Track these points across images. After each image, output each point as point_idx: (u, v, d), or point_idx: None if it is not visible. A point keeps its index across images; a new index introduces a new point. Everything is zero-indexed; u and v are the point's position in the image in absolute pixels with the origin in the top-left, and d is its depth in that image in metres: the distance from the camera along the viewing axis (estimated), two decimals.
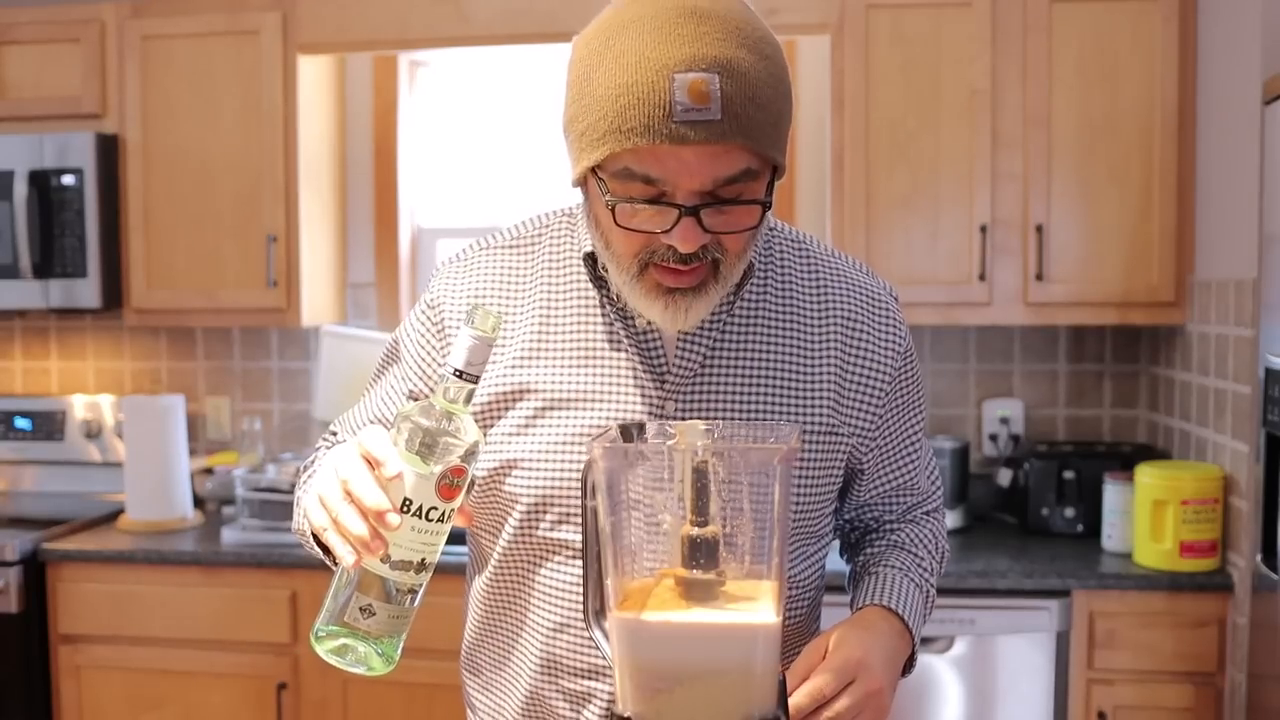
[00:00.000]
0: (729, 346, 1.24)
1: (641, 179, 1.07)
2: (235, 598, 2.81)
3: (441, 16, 2.99)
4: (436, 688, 2.71)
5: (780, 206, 3.25)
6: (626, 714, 1.01)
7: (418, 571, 1.04)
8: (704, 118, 1.03)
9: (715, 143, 1.04)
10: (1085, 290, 2.80)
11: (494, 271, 1.29)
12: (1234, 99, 2.53)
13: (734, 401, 1.23)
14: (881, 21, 2.82)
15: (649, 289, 1.13)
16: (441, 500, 1.03)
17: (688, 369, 1.22)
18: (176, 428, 3.08)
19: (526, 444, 1.23)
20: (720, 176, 1.06)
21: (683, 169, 1.05)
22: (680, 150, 1.04)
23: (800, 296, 1.27)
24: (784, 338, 1.25)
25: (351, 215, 3.44)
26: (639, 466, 1.03)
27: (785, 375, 1.25)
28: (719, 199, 1.07)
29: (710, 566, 1.00)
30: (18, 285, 3.11)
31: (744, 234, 1.12)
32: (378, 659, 1.06)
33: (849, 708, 1.10)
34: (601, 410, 1.22)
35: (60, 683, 2.89)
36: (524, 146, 3.40)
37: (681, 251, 1.09)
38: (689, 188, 1.06)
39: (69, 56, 3.14)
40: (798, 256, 1.30)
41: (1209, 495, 2.56)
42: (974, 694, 2.60)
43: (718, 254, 1.12)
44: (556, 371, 1.23)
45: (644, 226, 1.09)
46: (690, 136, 1.03)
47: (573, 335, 1.24)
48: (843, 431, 1.27)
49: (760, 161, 1.08)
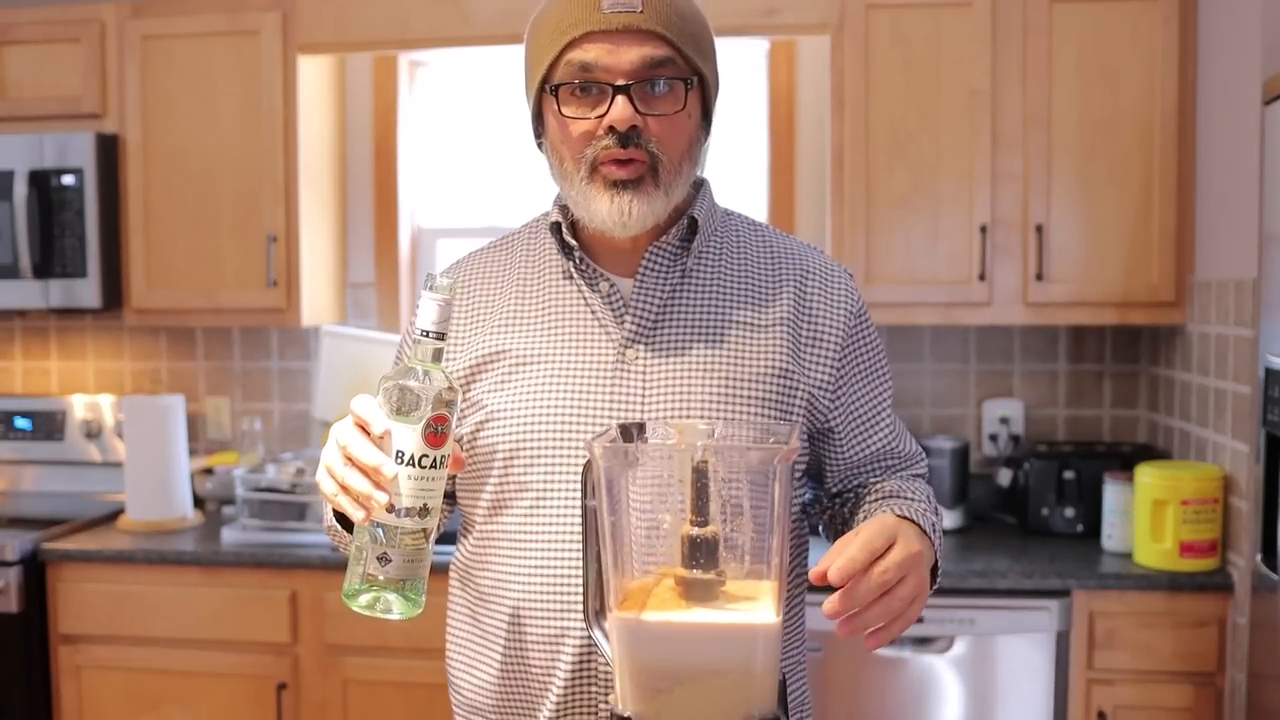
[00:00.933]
0: (685, 299, 1.36)
1: (579, 67, 1.26)
2: (235, 598, 2.81)
3: (441, 16, 2.99)
4: (437, 688, 2.71)
5: (780, 206, 3.25)
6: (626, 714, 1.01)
7: (422, 516, 1.14)
8: (628, 8, 1.25)
9: (637, 29, 1.25)
10: (1085, 290, 2.80)
11: (480, 267, 1.46)
12: (1234, 99, 2.53)
13: (691, 345, 1.34)
14: (881, 21, 2.82)
15: (598, 188, 1.29)
16: (430, 447, 1.12)
17: (646, 318, 1.34)
18: (176, 428, 3.08)
19: (502, 397, 1.35)
20: (645, 58, 1.25)
21: (612, 51, 1.25)
22: (610, 36, 1.25)
23: (754, 262, 1.41)
24: (738, 293, 1.37)
25: (351, 215, 3.44)
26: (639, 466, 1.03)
27: (739, 324, 1.35)
28: (647, 81, 1.26)
29: (710, 566, 1.00)
30: (18, 285, 3.11)
31: (676, 130, 1.28)
32: (403, 603, 1.15)
33: (899, 563, 1.11)
34: (567, 360, 1.34)
35: (60, 683, 2.89)
36: (524, 146, 3.39)
37: (618, 129, 1.25)
38: (618, 68, 1.25)
39: (69, 56, 3.14)
40: (753, 233, 1.44)
41: (1209, 495, 2.56)
42: (974, 694, 2.60)
43: (654, 149, 1.27)
44: (529, 334, 1.37)
45: (586, 113, 1.27)
46: (616, 22, 1.25)
47: (544, 304, 1.38)
48: (798, 376, 1.35)
49: (682, 60, 1.28)
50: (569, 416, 1.31)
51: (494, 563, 1.37)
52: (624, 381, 1.32)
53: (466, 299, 1.42)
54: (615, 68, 1.25)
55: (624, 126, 1.25)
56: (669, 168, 1.29)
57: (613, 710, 1.03)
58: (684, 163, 1.31)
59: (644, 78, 1.26)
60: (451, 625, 1.46)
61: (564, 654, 1.31)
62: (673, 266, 1.36)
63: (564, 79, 1.28)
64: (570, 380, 1.33)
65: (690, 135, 1.31)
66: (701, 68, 1.30)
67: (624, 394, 1.31)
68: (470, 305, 1.42)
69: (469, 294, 1.43)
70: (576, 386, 1.32)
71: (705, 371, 1.32)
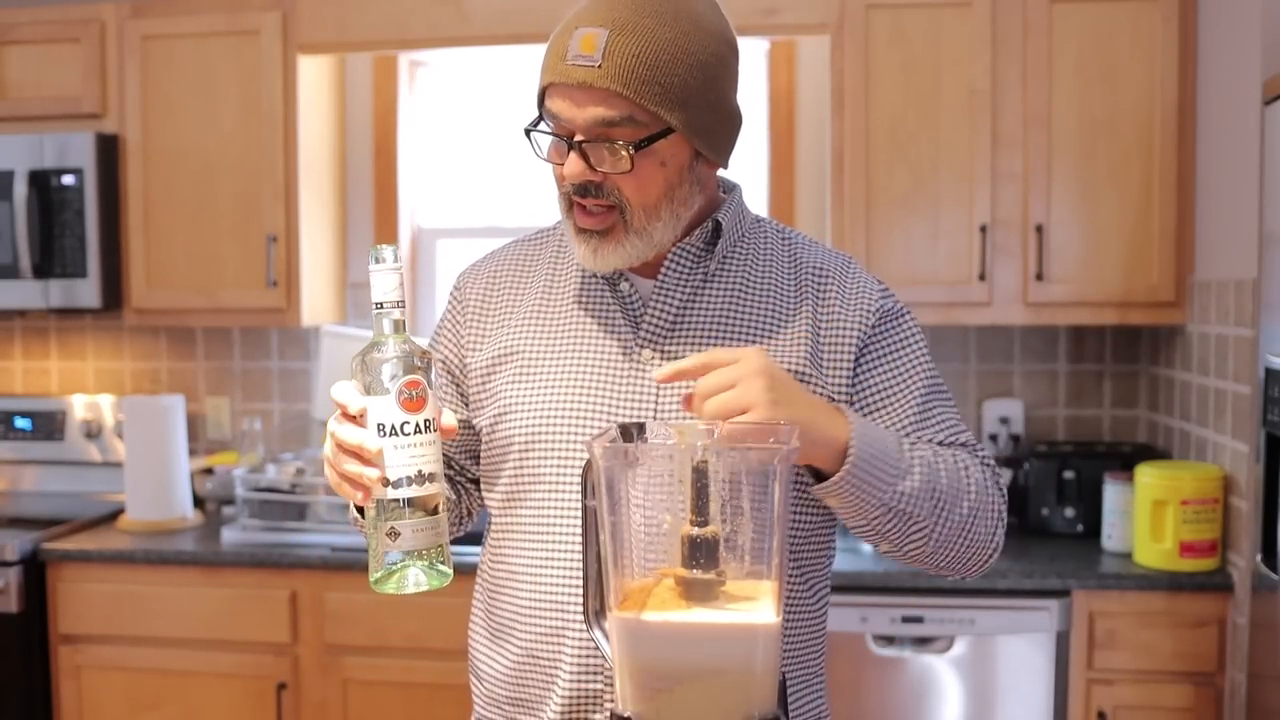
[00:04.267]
0: (705, 302, 1.36)
1: (552, 115, 1.27)
2: (235, 598, 2.81)
3: (441, 16, 2.99)
4: (436, 688, 2.71)
5: (780, 206, 3.25)
6: (626, 714, 1.01)
7: (420, 484, 1.14)
8: (587, 63, 1.22)
9: (592, 87, 1.22)
10: (1085, 290, 2.80)
11: (510, 260, 1.47)
12: (1234, 99, 2.52)
13: (705, 348, 1.32)
14: (881, 21, 2.82)
15: (572, 227, 1.31)
16: (408, 413, 1.13)
17: (663, 320, 1.34)
18: (176, 428, 3.08)
19: (519, 391, 1.36)
20: (600, 117, 1.23)
21: (571, 105, 1.24)
22: (570, 92, 1.24)
23: (777, 269, 1.39)
24: (758, 298, 1.36)
25: (351, 215, 3.44)
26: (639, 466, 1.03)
27: (757, 328, 1.34)
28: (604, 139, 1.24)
29: (710, 566, 1.00)
30: (18, 285, 3.11)
31: (642, 182, 1.26)
32: (428, 573, 1.15)
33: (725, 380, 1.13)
34: (584, 358, 1.35)
35: (60, 683, 2.89)
36: (524, 146, 3.39)
37: (569, 181, 1.27)
38: (575, 121, 1.25)
39: (69, 56, 3.14)
40: (780, 240, 1.43)
41: (1209, 495, 2.56)
42: (974, 694, 2.60)
43: (617, 200, 1.27)
44: (550, 330, 1.38)
45: (552, 159, 1.30)
46: (573, 76, 1.23)
47: (568, 301, 1.39)
48: (815, 380, 1.33)
49: (647, 115, 1.24)
50: (582, 413, 1.32)
51: (508, 554, 1.38)
52: (637, 382, 1.32)
53: (496, 291, 1.44)
54: (573, 122, 1.25)
55: (575, 181, 1.26)
56: (641, 215, 1.28)
57: (613, 710, 1.03)
58: (661, 208, 1.29)
59: (597, 136, 1.24)
60: (473, 617, 1.47)
61: (568, 648, 1.32)
62: (694, 270, 1.36)
63: (542, 121, 1.30)
64: (585, 378, 1.33)
65: (666, 182, 1.28)
66: (670, 118, 1.24)
67: (637, 394, 1.32)
68: (499, 297, 1.43)
69: (499, 286, 1.44)
70: (591, 384, 1.33)
71: None
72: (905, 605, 2.57)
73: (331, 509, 2.90)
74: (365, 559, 2.86)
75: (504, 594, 1.39)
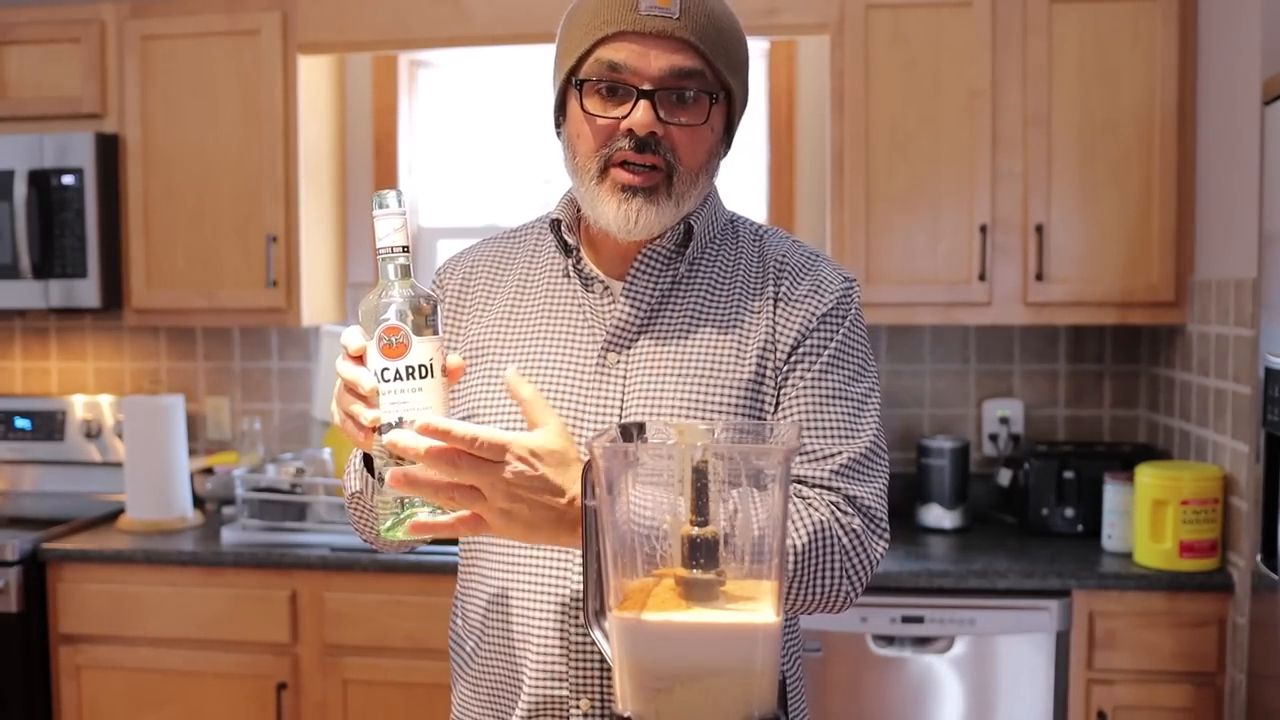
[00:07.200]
0: (674, 304, 1.35)
1: (608, 66, 1.25)
2: (235, 598, 2.81)
3: (441, 16, 2.99)
4: (436, 688, 2.71)
5: (780, 206, 3.25)
6: (626, 714, 1.01)
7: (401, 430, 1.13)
8: (665, 14, 1.24)
9: (671, 36, 1.24)
10: (1085, 290, 2.80)
11: (486, 256, 1.47)
12: (1234, 99, 2.53)
13: (669, 352, 1.32)
14: (881, 21, 2.82)
15: (608, 190, 1.28)
16: (386, 359, 1.13)
17: (630, 322, 1.34)
18: (176, 428, 3.08)
19: (487, 390, 1.36)
20: (674, 67, 1.24)
21: (643, 55, 1.24)
22: (643, 40, 1.24)
23: (746, 269, 1.38)
24: (725, 300, 1.35)
25: (351, 215, 3.44)
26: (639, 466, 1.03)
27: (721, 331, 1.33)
28: (673, 90, 1.25)
29: (710, 566, 1.00)
30: (18, 285, 3.11)
31: (696, 142, 1.27)
32: (433, 514, 1.15)
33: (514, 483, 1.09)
34: (553, 359, 1.34)
35: (60, 683, 2.89)
36: (524, 146, 3.40)
37: (638, 134, 1.24)
38: (647, 73, 1.24)
39: (69, 56, 3.14)
40: (752, 239, 1.42)
41: (1209, 495, 2.56)
42: (974, 694, 2.60)
43: (671, 158, 1.26)
44: (521, 329, 1.38)
45: (608, 113, 1.26)
46: (650, 25, 1.23)
47: (540, 301, 1.39)
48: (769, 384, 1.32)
49: (712, 73, 1.26)
50: None
51: (476, 559, 1.39)
52: (604, 384, 1.32)
53: (472, 286, 1.44)
54: (643, 71, 1.24)
55: (643, 131, 1.25)
56: (685, 178, 1.29)
57: (613, 710, 1.03)
58: (701, 175, 1.31)
59: (670, 86, 1.25)
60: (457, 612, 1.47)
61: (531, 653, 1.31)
62: (664, 272, 1.35)
63: (591, 75, 1.27)
64: (554, 379, 1.33)
65: (710, 149, 1.31)
66: (730, 83, 1.29)
67: (603, 397, 1.32)
68: (474, 293, 1.43)
69: (475, 281, 1.44)
70: (559, 386, 1.33)
71: (679, 378, 1.31)
72: (905, 605, 2.57)
73: (331, 509, 2.90)
74: (365, 559, 2.87)
75: (470, 595, 1.39)
